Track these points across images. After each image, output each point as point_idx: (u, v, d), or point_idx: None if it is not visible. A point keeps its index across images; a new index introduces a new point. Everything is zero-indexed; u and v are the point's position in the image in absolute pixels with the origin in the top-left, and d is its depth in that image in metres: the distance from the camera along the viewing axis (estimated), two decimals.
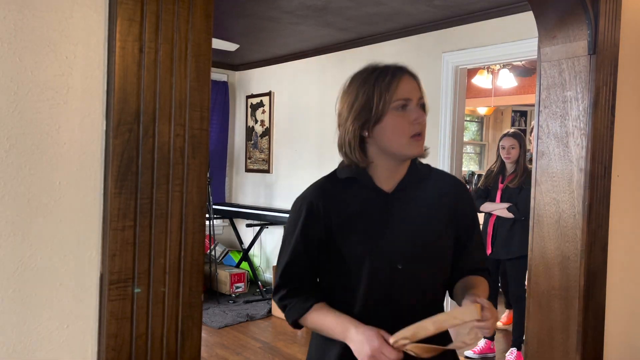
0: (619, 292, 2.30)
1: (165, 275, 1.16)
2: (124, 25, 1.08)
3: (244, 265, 5.88)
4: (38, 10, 1.04)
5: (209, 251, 5.65)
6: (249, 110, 6.40)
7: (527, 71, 6.55)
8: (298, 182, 5.71)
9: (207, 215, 5.35)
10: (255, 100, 6.31)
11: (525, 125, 8.28)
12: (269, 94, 6.11)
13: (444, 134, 4.41)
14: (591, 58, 2.09)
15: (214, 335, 4.40)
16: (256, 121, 6.30)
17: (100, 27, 1.11)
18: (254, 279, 5.68)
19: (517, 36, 3.87)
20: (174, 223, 1.16)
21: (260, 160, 6.24)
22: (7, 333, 1.04)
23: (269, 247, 6.11)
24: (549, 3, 2.16)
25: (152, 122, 1.12)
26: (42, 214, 1.07)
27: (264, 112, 6.19)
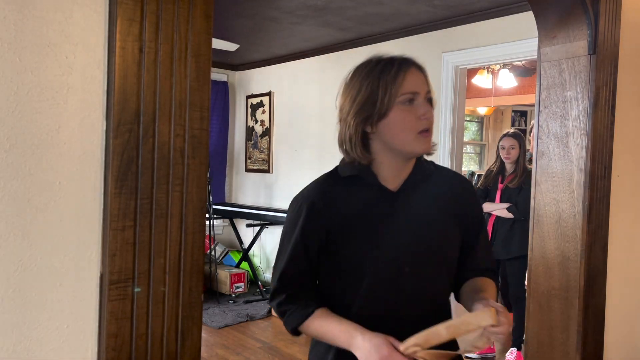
0: (619, 292, 2.30)
1: (165, 275, 1.16)
2: (124, 25, 1.08)
3: (244, 265, 5.88)
4: (38, 10, 1.04)
5: (209, 251, 5.65)
6: (249, 110, 6.40)
7: (527, 71, 6.55)
8: (298, 182, 5.69)
9: (207, 215, 5.35)
10: (255, 100, 6.31)
11: (525, 125, 8.28)
12: (269, 94, 6.11)
13: (444, 134, 4.41)
14: (591, 58, 2.09)
15: (214, 335, 4.40)
16: (256, 121, 6.30)
17: (100, 27, 1.11)
18: (254, 279, 5.68)
19: (517, 36, 3.87)
20: (174, 223, 1.16)
21: (260, 160, 6.24)
22: (7, 333, 1.04)
23: (269, 247, 6.11)
24: (549, 3, 2.16)
25: (152, 122, 1.12)
26: (42, 214, 1.07)
27: (264, 112, 6.19)
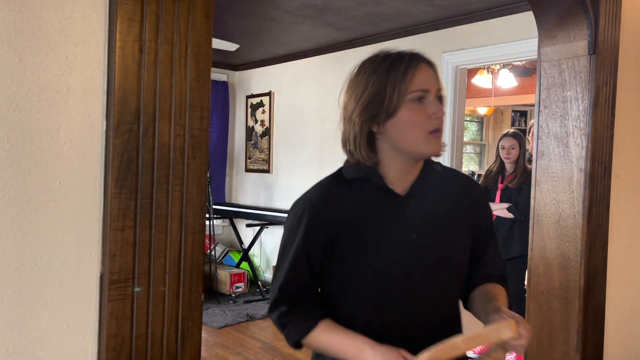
0: (619, 292, 2.30)
1: (165, 275, 1.16)
2: (124, 25, 1.08)
3: (244, 265, 5.88)
4: (38, 10, 1.04)
5: (209, 251, 5.65)
6: (249, 110, 6.40)
7: (527, 71, 6.55)
8: (298, 182, 5.71)
9: (207, 215, 5.35)
10: (255, 100, 6.31)
11: (525, 125, 8.28)
12: (269, 94, 6.11)
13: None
14: (591, 58, 2.09)
15: (214, 335, 4.40)
16: (256, 121, 6.30)
17: (100, 27, 1.11)
18: (254, 279, 5.68)
19: (517, 36, 3.87)
20: (174, 223, 1.16)
21: (260, 160, 6.24)
22: (7, 333, 1.04)
23: (269, 247, 6.10)
24: (549, 3, 2.16)
25: (152, 122, 1.12)
26: (42, 214, 1.07)
27: (264, 112, 6.19)
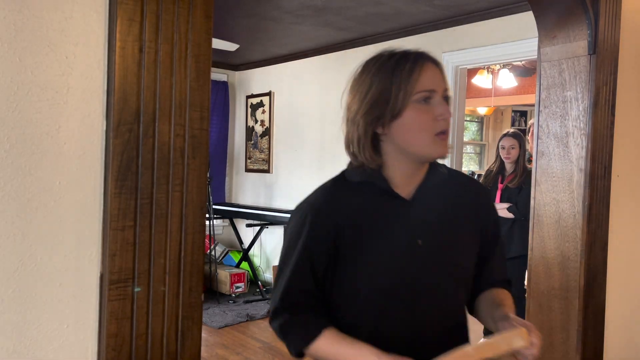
0: (619, 292, 2.30)
1: (165, 275, 1.16)
2: (124, 25, 1.08)
3: (244, 265, 5.88)
4: (38, 10, 1.04)
5: (209, 251, 5.65)
6: (249, 110, 6.40)
7: (527, 71, 6.55)
8: (298, 182, 5.71)
9: (207, 215, 5.35)
10: (255, 100, 6.31)
11: (525, 125, 8.28)
12: (269, 94, 6.11)
13: None
14: (591, 58, 2.09)
15: (214, 335, 4.40)
16: (256, 121, 6.30)
17: (100, 27, 1.11)
18: (254, 279, 5.68)
19: (517, 36, 3.87)
20: (174, 223, 1.16)
21: (260, 160, 6.24)
22: (7, 333, 1.04)
23: (269, 247, 6.10)
24: (549, 3, 2.16)
25: (152, 122, 1.12)
26: (42, 214, 1.07)
27: (264, 112, 6.19)
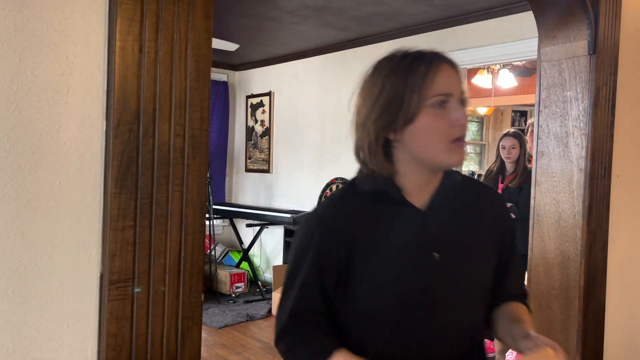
0: (619, 292, 2.30)
1: (165, 275, 1.16)
2: (124, 25, 1.08)
3: (244, 265, 5.88)
4: (38, 10, 1.04)
5: (209, 251, 5.65)
6: (249, 110, 6.40)
7: (527, 71, 6.54)
8: (298, 182, 5.71)
9: (207, 215, 5.35)
10: (255, 100, 6.31)
11: (525, 125, 8.27)
12: (269, 94, 6.11)
13: None
14: (591, 58, 2.09)
15: (214, 335, 4.40)
16: (256, 121, 6.30)
17: (100, 27, 1.11)
18: (254, 279, 5.68)
19: (517, 36, 3.87)
20: (174, 223, 1.16)
21: (260, 160, 6.24)
22: (7, 333, 1.04)
23: (269, 247, 6.11)
24: (549, 3, 2.16)
25: (152, 122, 1.12)
26: (42, 214, 1.07)
27: (264, 112, 6.19)
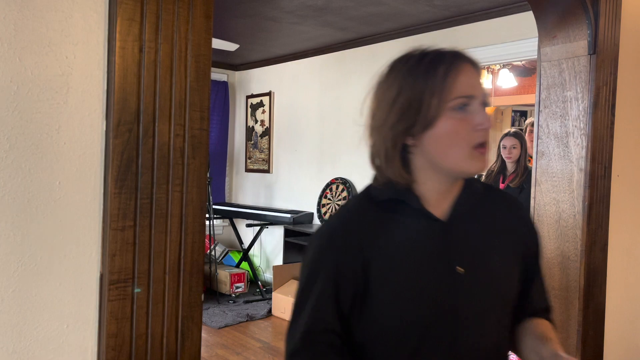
0: (619, 292, 2.30)
1: (165, 275, 1.16)
2: (124, 25, 1.08)
3: (244, 265, 5.88)
4: (38, 10, 1.04)
5: (209, 251, 5.65)
6: (249, 110, 6.40)
7: (527, 71, 6.54)
8: (298, 182, 5.71)
9: (207, 215, 5.35)
10: (255, 100, 6.31)
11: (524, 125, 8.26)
12: (269, 94, 6.11)
13: None
14: (591, 58, 2.09)
15: (214, 335, 4.40)
16: (256, 121, 6.30)
17: (100, 27, 1.11)
18: (254, 279, 5.68)
19: (517, 36, 3.87)
20: (174, 223, 1.16)
21: (260, 160, 6.24)
22: (7, 333, 1.04)
23: (269, 247, 6.10)
24: (549, 3, 2.16)
25: (152, 122, 1.12)
26: (42, 214, 1.07)
27: (264, 112, 6.19)
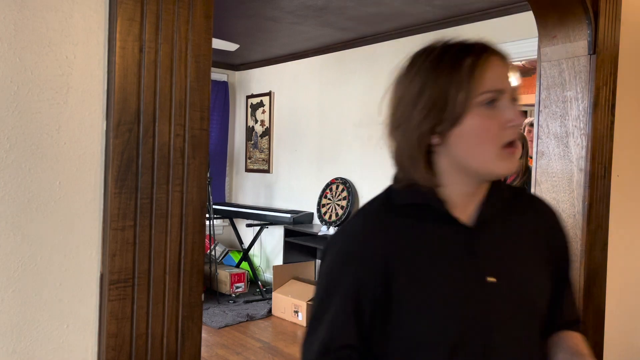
0: (619, 292, 2.30)
1: (165, 275, 1.16)
2: (124, 25, 1.08)
3: (244, 265, 5.88)
4: (38, 10, 1.04)
5: (209, 251, 5.65)
6: (249, 110, 6.40)
7: (527, 71, 6.55)
8: (298, 182, 5.71)
9: (207, 215, 5.35)
10: (255, 100, 6.31)
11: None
12: (269, 94, 6.11)
13: None
14: (591, 58, 2.09)
15: (214, 335, 4.40)
16: (256, 121, 6.30)
17: (100, 27, 1.11)
18: (254, 279, 5.68)
19: (517, 36, 3.87)
20: (174, 223, 1.16)
21: (260, 160, 6.24)
22: (7, 333, 1.04)
23: (269, 247, 6.11)
24: (549, 3, 2.16)
25: (152, 122, 1.12)
26: (42, 214, 1.07)
27: (264, 112, 6.19)
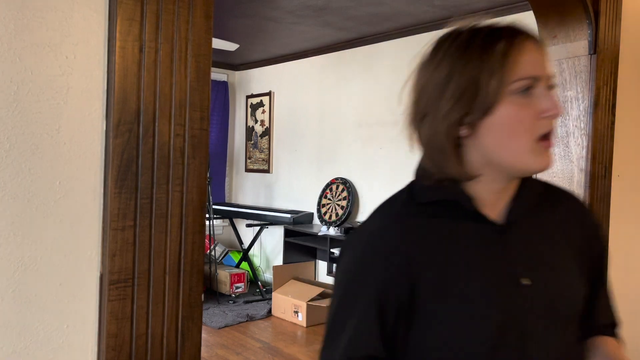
0: (619, 293, 2.30)
1: (165, 275, 1.15)
2: (124, 25, 1.08)
3: (244, 265, 5.88)
4: (38, 10, 1.04)
5: (209, 251, 5.65)
6: (249, 110, 6.40)
7: None
8: (298, 182, 5.71)
9: (207, 215, 5.35)
10: (255, 100, 6.31)
11: None
12: (269, 94, 6.11)
13: None
14: (591, 58, 2.09)
15: (214, 335, 4.40)
16: (256, 121, 6.30)
17: (100, 27, 1.11)
18: (254, 279, 5.68)
19: None
20: (174, 223, 1.16)
21: (260, 160, 6.24)
22: (7, 333, 1.04)
23: (269, 247, 6.11)
24: (550, 3, 2.16)
25: (152, 122, 1.12)
26: (42, 214, 1.07)
27: (264, 112, 6.19)
